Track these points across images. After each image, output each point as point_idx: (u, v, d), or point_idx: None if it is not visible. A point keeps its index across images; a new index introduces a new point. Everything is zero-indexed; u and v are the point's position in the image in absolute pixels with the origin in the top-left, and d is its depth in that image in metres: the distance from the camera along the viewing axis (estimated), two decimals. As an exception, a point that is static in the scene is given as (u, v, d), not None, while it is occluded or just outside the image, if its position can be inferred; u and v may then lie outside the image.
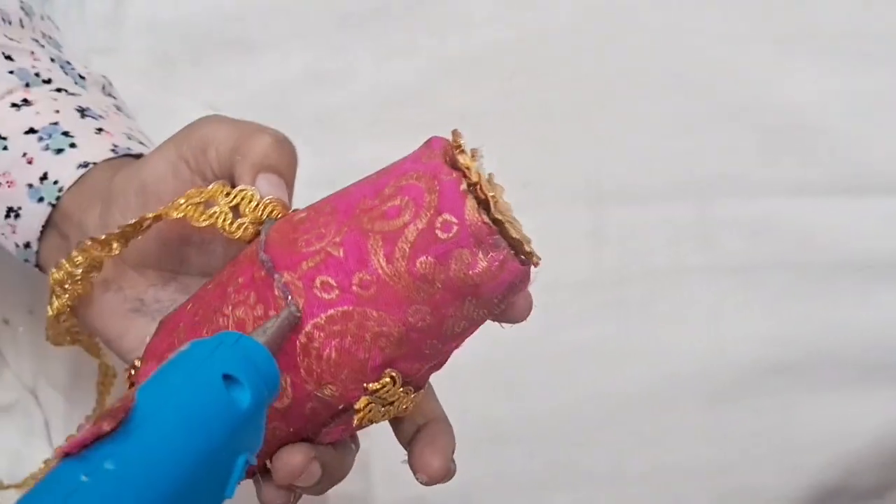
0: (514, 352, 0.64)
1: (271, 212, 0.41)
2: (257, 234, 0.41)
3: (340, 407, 0.39)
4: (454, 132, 0.37)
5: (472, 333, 0.40)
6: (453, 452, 0.43)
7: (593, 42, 0.66)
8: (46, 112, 0.50)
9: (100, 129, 0.50)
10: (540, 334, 0.64)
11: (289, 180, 0.43)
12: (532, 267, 0.37)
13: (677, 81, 0.65)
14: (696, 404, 0.64)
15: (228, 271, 0.41)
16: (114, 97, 0.56)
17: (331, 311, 0.37)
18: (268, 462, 0.41)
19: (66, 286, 0.45)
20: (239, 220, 0.41)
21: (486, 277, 0.36)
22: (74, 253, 0.45)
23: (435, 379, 0.65)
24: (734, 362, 0.64)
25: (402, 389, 0.39)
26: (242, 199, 0.41)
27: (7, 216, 0.49)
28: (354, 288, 0.37)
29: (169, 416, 0.32)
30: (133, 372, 0.45)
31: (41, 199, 0.48)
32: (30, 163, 0.48)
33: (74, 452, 0.30)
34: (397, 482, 0.64)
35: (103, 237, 0.43)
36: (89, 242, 0.44)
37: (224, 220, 0.41)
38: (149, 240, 0.45)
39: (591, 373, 0.64)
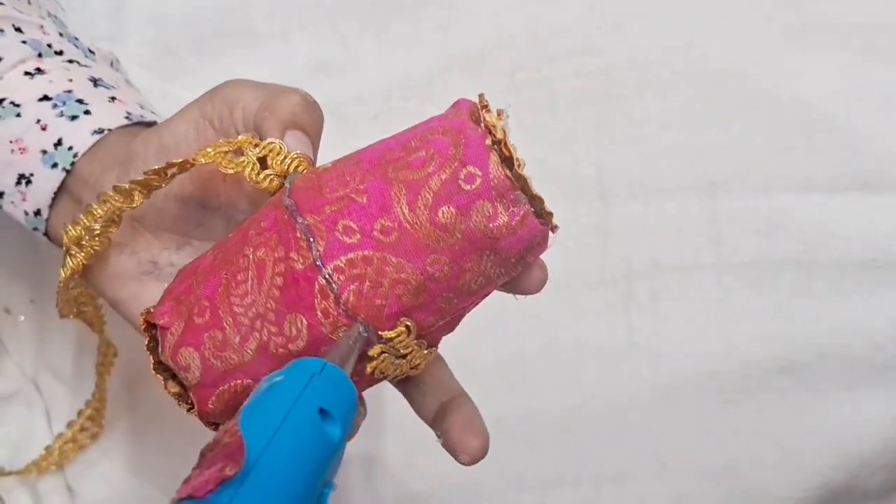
0: (520, 348, 0.65)
1: (297, 166, 0.42)
2: (282, 186, 0.42)
3: (352, 349, 0.40)
4: (481, 95, 0.38)
5: (486, 295, 0.41)
6: (484, 424, 0.45)
7: (601, 35, 0.65)
8: (60, 80, 0.50)
9: (113, 98, 0.51)
10: (546, 330, 0.65)
11: (315, 139, 0.44)
12: (550, 232, 0.39)
13: (686, 76, 0.65)
14: (702, 402, 0.64)
15: (251, 219, 0.42)
16: (121, 74, 0.57)
17: (351, 255, 0.38)
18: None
19: (84, 242, 0.45)
20: (265, 171, 0.42)
21: (506, 231, 0.37)
22: (94, 205, 0.45)
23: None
24: (742, 360, 0.64)
25: (415, 342, 0.40)
26: (270, 151, 0.42)
27: (18, 183, 0.49)
28: (376, 233, 0.38)
29: (276, 456, 0.33)
30: (149, 311, 0.44)
31: (55, 165, 0.48)
32: (44, 129, 0.49)
33: (200, 497, 0.32)
34: (400, 478, 0.65)
35: (126, 186, 0.44)
36: (111, 193, 0.44)
37: (252, 169, 0.42)
38: (168, 199, 0.46)
39: (597, 370, 0.64)
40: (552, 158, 0.64)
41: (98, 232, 0.45)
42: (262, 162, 0.42)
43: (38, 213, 0.50)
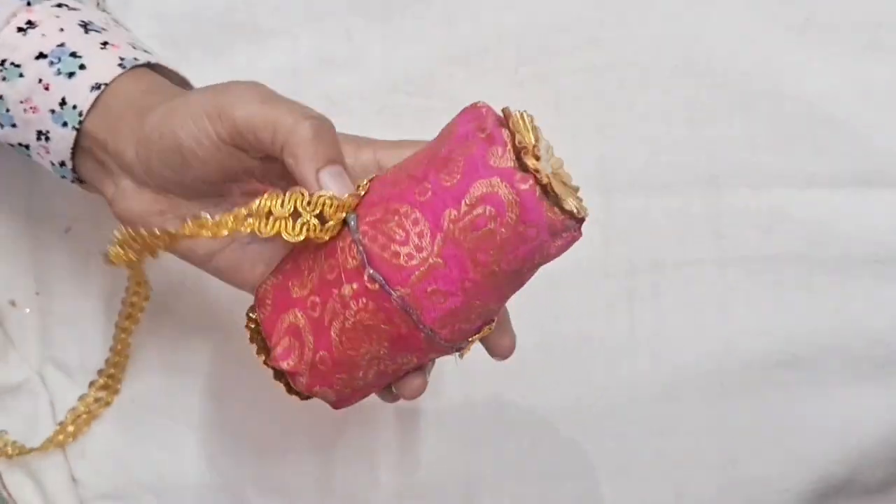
0: (522, 341, 0.64)
1: (350, 208, 0.45)
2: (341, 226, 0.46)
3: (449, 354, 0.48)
4: (507, 115, 0.42)
5: None
6: (511, 326, 0.51)
7: (604, 30, 0.65)
8: (52, 32, 0.51)
9: (105, 43, 0.52)
10: (548, 324, 0.65)
11: (341, 159, 0.46)
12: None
13: (689, 70, 0.65)
14: (703, 396, 0.64)
15: (325, 268, 0.46)
16: (108, 12, 0.57)
17: (443, 312, 0.44)
18: (392, 387, 0.50)
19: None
20: (300, 220, 0.45)
21: (560, 251, 0.44)
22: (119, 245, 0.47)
23: (442, 368, 0.66)
24: (743, 355, 0.64)
25: (490, 327, 0.48)
26: (324, 205, 0.45)
27: (38, 139, 0.51)
28: (460, 291, 0.43)
29: None
30: (269, 354, 0.49)
31: (65, 124, 0.50)
32: (46, 89, 0.50)
33: None
34: (403, 470, 0.65)
35: (155, 235, 0.46)
36: (137, 241, 0.46)
37: (312, 230, 0.45)
38: (210, 172, 0.48)
39: (599, 363, 0.64)
40: (555, 153, 0.64)
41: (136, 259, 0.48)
42: (320, 216, 0.45)
43: (62, 163, 0.52)
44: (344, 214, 0.45)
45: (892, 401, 0.63)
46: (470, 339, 0.47)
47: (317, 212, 0.44)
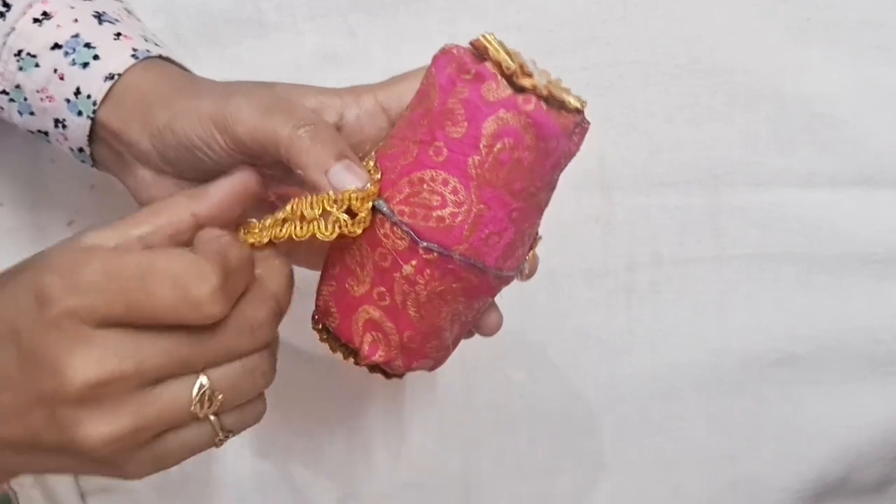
0: (521, 337, 0.65)
1: (373, 196, 0.45)
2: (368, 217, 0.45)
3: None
4: (477, 47, 0.43)
5: None
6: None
7: (606, 29, 0.65)
8: (66, 24, 0.52)
9: (118, 34, 0.52)
10: (547, 319, 0.65)
11: (345, 152, 0.46)
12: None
13: (690, 69, 0.65)
14: (701, 393, 0.64)
15: (376, 258, 0.46)
16: (121, 1, 0.58)
17: (502, 249, 0.45)
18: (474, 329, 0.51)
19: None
20: (331, 218, 0.45)
21: (579, 145, 0.45)
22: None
23: (442, 367, 0.66)
24: (741, 352, 0.64)
25: (538, 239, 0.49)
26: (350, 199, 0.45)
27: (56, 126, 0.53)
28: (510, 224, 0.44)
29: None
30: (358, 354, 0.49)
31: (80, 113, 0.51)
32: (62, 79, 0.51)
33: None
34: (399, 465, 0.65)
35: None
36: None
37: (343, 225, 0.45)
38: (211, 174, 0.48)
39: (598, 359, 0.65)
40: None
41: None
42: (349, 211, 0.45)
43: (81, 150, 0.53)
44: (371, 203, 0.45)
45: (889, 400, 0.63)
46: (527, 259, 0.48)
47: (345, 207, 0.45)
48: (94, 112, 0.51)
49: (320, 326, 0.50)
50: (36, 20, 0.52)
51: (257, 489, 0.66)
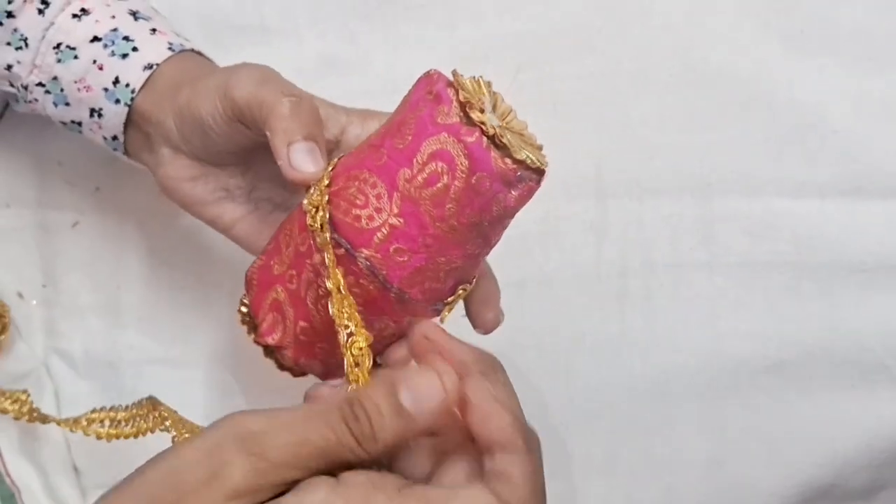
0: (515, 341, 0.65)
1: (320, 195, 0.46)
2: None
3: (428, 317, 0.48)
4: (455, 75, 0.44)
5: None
6: (499, 301, 0.51)
7: (601, 36, 0.66)
8: (104, 19, 0.55)
9: (153, 30, 0.56)
10: (540, 324, 0.65)
11: (315, 136, 0.48)
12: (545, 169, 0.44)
13: (684, 77, 0.65)
14: (691, 398, 0.64)
15: (298, 244, 0.47)
16: (147, 1, 0.61)
17: (409, 270, 0.45)
18: (378, 358, 0.49)
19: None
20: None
21: (519, 202, 0.44)
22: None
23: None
24: (731, 358, 0.64)
25: (465, 288, 0.48)
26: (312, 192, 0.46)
27: (91, 116, 0.55)
28: (422, 248, 0.44)
29: None
30: (258, 333, 0.50)
31: (118, 101, 0.54)
32: (101, 69, 0.54)
33: None
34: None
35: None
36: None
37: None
38: (229, 145, 0.51)
39: (589, 363, 0.65)
40: (551, 156, 0.64)
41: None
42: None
43: (115, 137, 0.56)
44: (326, 197, 0.45)
45: (876, 407, 0.63)
46: (446, 302, 0.47)
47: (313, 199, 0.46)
48: (132, 100, 0.54)
49: (244, 299, 0.51)
50: (75, 16, 0.55)
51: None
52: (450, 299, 0.48)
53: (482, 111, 0.42)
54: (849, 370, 0.63)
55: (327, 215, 0.45)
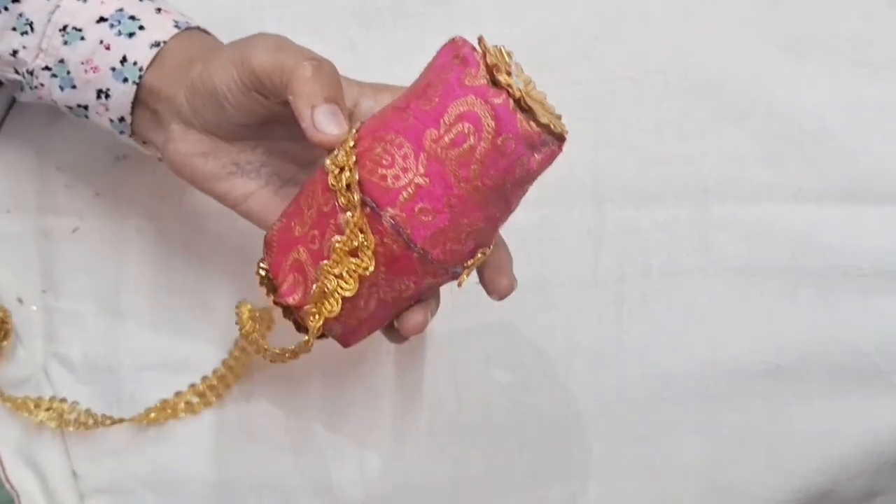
0: (512, 346, 0.65)
1: (349, 155, 0.46)
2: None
3: (446, 280, 0.49)
4: (481, 41, 0.45)
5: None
6: (512, 268, 0.52)
7: (598, 43, 0.66)
8: (110, 0, 0.55)
9: (159, 9, 0.56)
10: (538, 329, 0.65)
11: (338, 98, 0.49)
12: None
13: (681, 84, 0.65)
14: (688, 404, 0.64)
15: (322, 202, 0.47)
16: None
17: (433, 230, 0.45)
18: (395, 322, 0.51)
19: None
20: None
21: (541, 166, 0.45)
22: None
23: (433, 370, 0.66)
24: (728, 364, 0.64)
25: (485, 252, 0.49)
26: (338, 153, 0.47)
27: (98, 97, 0.55)
28: (446, 208, 0.45)
29: None
30: (263, 271, 0.51)
31: (126, 80, 0.54)
32: (108, 49, 0.54)
33: None
34: (391, 471, 0.65)
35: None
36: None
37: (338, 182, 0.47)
38: (243, 117, 0.51)
39: (586, 369, 0.65)
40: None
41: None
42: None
43: (122, 119, 0.56)
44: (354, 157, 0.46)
45: (873, 412, 0.63)
46: (465, 265, 0.48)
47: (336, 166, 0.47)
48: (140, 77, 0.54)
49: (262, 263, 0.51)
50: None
51: (252, 491, 0.66)
52: (469, 262, 0.48)
53: (509, 74, 0.43)
54: (846, 376, 0.63)
55: (356, 176, 0.45)
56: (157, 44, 0.54)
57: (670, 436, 0.64)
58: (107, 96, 0.55)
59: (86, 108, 0.56)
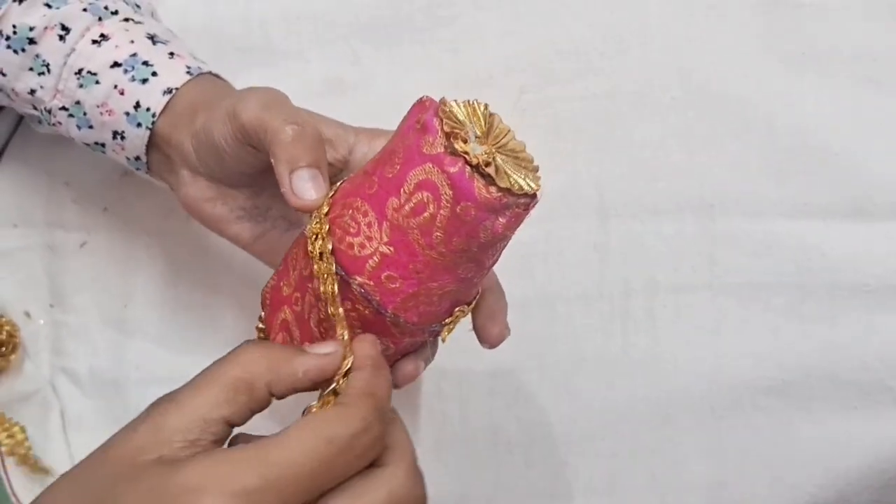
0: (517, 362, 0.65)
1: (321, 227, 0.47)
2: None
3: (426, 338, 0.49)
4: (443, 103, 0.43)
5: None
6: (506, 316, 0.52)
7: (603, 58, 0.66)
8: (124, 44, 0.56)
9: (171, 54, 0.57)
10: (543, 344, 0.65)
11: (318, 162, 0.48)
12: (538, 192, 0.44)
13: (686, 100, 0.65)
14: (694, 418, 0.64)
15: (302, 269, 0.48)
16: (162, 23, 0.62)
17: (402, 296, 0.45)
18: None
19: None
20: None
21: (509, 228, 0.44)
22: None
23: (437, 384, 0.66)
24: (733, 379, 0.64)
25: (463, 310, 0.49)
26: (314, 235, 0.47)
27: (114, 138, 0.56)
28: (412, 274, 0.45)
29: None
30: (261, 326, 0.52)
31: (139, 125, 0.55)
32: (122, 94, 0.55)
33: None
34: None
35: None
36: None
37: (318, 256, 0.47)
38: (241, 166, 0.52)
39: (592, 384, 0.65)
40: (554, 177, 0.65)
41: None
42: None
43: (137, 158, 0.57)
44: (322, 233, 0.46)
45: (878, 428, 0.63)
46: (445, 322, 0.48)
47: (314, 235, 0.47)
48: (153, 123, 0.55)
49: (260, 321, 0.52)
50: (94, 41, 0.56)
51: None
52: (447, 320, 0.48)
53: (465, 141, 0.42)
54: (851, 391, 0.63)
55: (329, 245, 0.46)
56: (169, 90, 0.55)
57: (675, 451, 0.64)
58: (122, 137, 0.56)
59: (103, 145, 0.57)
